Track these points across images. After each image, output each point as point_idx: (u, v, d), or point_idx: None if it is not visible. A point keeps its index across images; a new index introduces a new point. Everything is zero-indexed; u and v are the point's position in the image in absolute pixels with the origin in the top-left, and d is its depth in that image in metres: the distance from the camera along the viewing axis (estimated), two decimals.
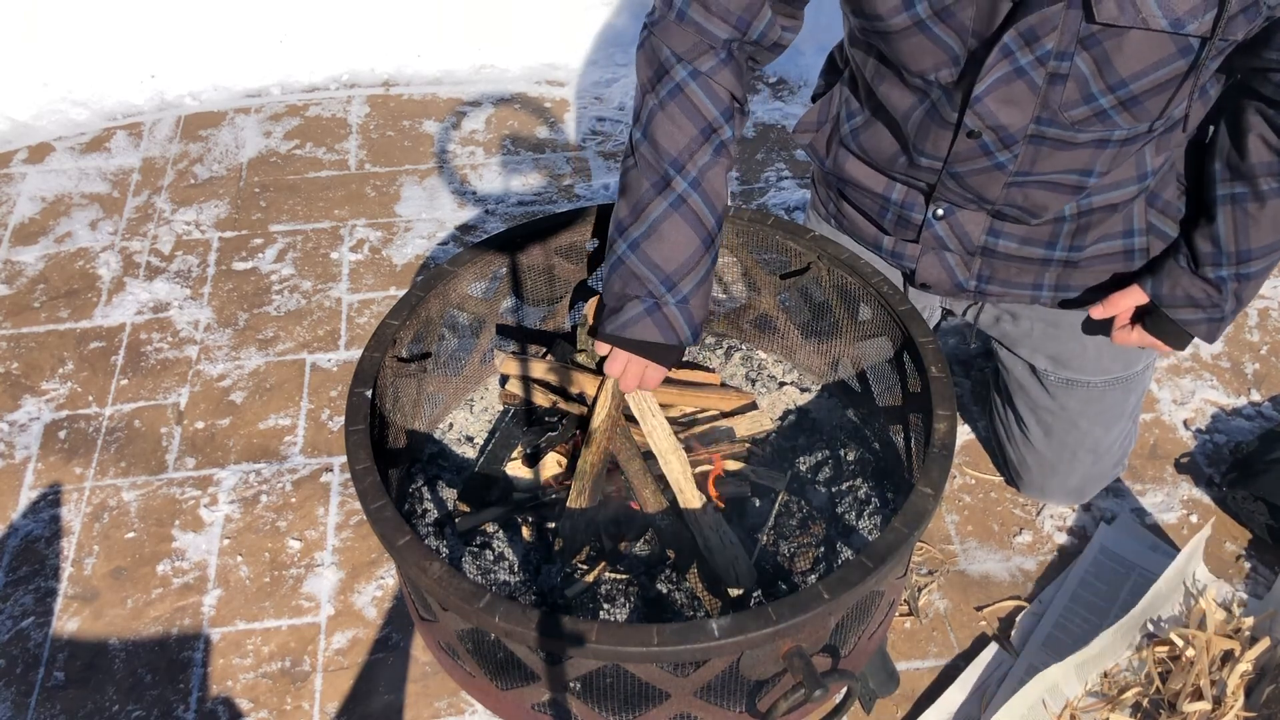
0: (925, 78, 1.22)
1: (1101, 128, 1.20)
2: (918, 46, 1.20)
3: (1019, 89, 1.17)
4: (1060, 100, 1.17)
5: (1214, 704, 1.41)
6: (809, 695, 1.00)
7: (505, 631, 1.00)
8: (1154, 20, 1.08)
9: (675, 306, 1.26)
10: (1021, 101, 1.18)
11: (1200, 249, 1.31)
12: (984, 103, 1.19)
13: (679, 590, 1.24)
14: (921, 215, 1.41)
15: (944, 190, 1.35)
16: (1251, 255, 1.28)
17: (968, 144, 1.25)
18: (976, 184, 1.31)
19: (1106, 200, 1.33)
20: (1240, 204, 1.26)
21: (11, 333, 2.09)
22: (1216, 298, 1.32)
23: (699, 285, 1.27)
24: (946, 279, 1.46)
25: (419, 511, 1.35)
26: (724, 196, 1.29)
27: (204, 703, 1.51)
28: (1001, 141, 1.23)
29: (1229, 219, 1.27)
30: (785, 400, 1.53)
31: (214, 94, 2.76)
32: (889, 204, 1.43)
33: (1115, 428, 1.61)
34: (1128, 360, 1.53)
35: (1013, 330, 1.57)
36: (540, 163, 2.53)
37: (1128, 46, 1.11)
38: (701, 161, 1.26)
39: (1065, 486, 1.68)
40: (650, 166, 1.27)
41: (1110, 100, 1.16)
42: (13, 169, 2.52)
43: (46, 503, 1.78)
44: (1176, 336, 1.38)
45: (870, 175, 1.44)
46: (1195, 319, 1.34)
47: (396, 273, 2.22)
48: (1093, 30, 1.10)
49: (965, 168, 1.29)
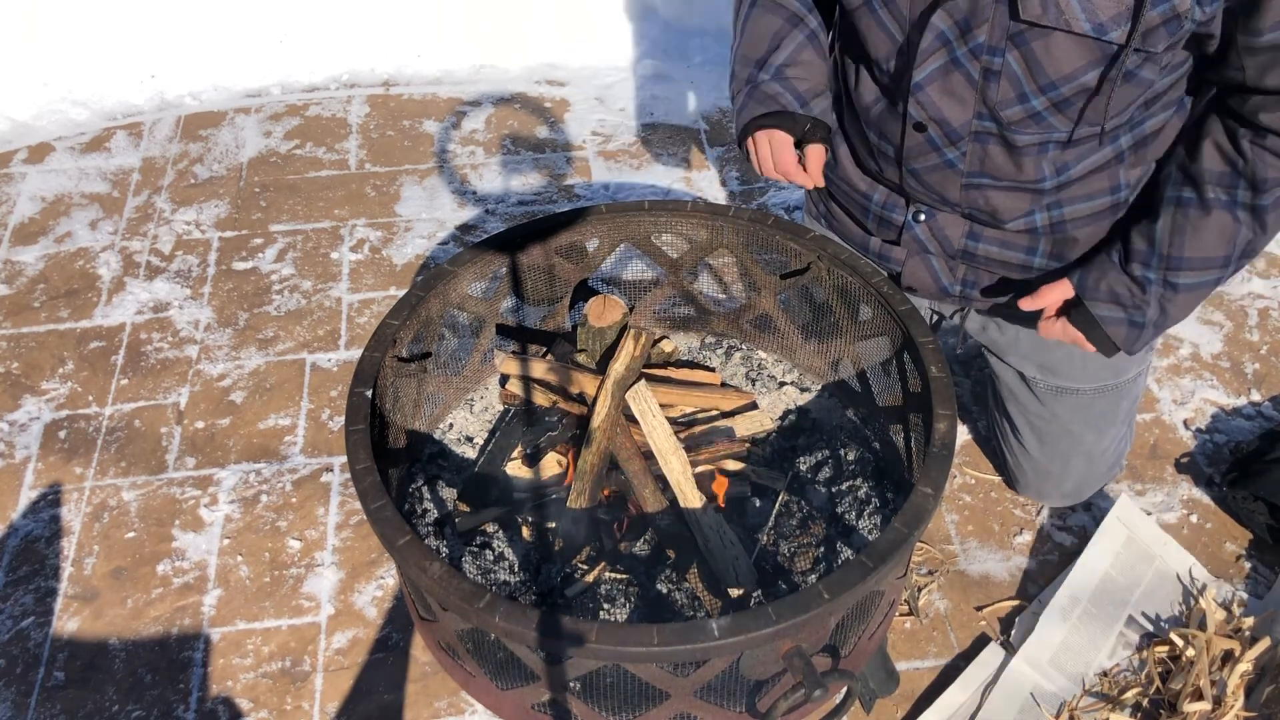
0: (882, 65, 1.26)
1: (1038, 129, 1.22)
2: (869, 29, 1.24)
3: (957, 81, 1.20)
4: (997, 97, 1.19)
5: (1214, 704, 1.41)
6: (809, 695, 1.00)
7: (505, 631, 1.00)
8: (1076, 23, 1.10)
9: (772, 81, 1.33)
10: (961, 95, 1.21)
11: (1134, 245, 1.28)
12: (925, 92, 1.22)
13: (679, 590, 1.24)
14: (902, 217, 1.43)
15: (913, 190, 1.37)
16: (1183, 264, 1.25)
17: (916, 138, 1.28)
18: (935, 183, 1.33)
19: (1079, 212, 1.33)
20: (1184, 208, 1.24)
21: (11, 333, 2.09)
22: (1139, 298, 1.28)
23: (793, 57, 1.34)
24: (931, 282, 1.47)
25: (419, 511, 1.35)
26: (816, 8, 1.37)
27: (204, 702, 1.51)
28: (947, 137, 1.26)
29: (1169, 220, 1.25)
30: (785, 400, 1.53)
31: (214, 94, 2.76)
32: (871, 204, 1.45)
33: (1108, 433, 1.60)
34: (1118, 368, 1.53)
35: (1000, 339, 1.57)
36: (540, 163, 2.53)
37: (1054, 48, 1.13)
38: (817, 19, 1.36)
39: (1061, 490, 1.68)
40: None
41: (1042, 101, 1.18)
42: (13, 169, 2.52)
43: (46, 503, 1.78)
44: (1099, 337, 1.33)
45: (857, 174, 1.46)
46: (1115, 317, 1.30)
47: (396, 273, 2.22)
48: (1020, 28, 1.13)
49: (920, 164, 1.31)
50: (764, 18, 1.35)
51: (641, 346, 1.39)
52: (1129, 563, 1.62)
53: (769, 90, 1.33)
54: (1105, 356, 1.35)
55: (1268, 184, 1.18)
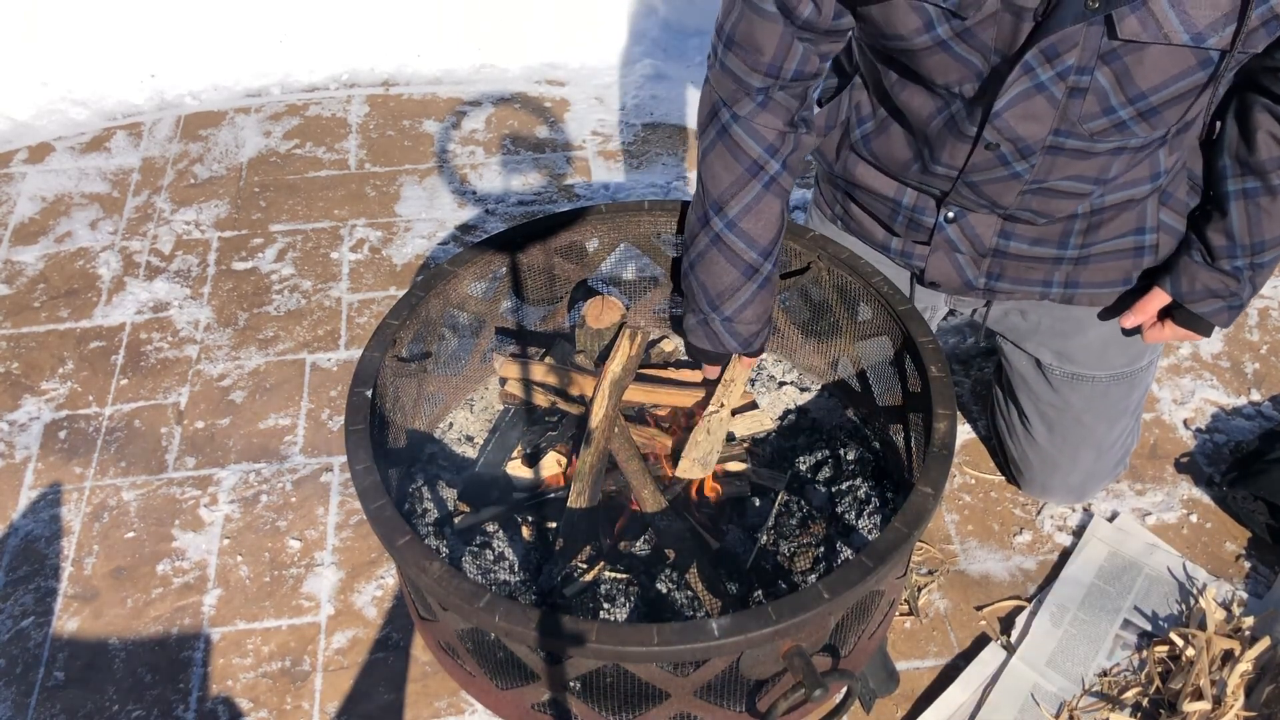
0: (950, 89, 1.23)
1: (1119, 137, 1.22)
2: (940, 63, 1.20)
3: (1039, 104, 1.17)
4: (1079, 113, 1.18)
5: (1214, 704, 1.41)
6: (809, 695, 1.00)
7: (505, 631, 1.00)
8: (1176, 35, 1.09)
9: (721, 324, 1.39)
10: (1041, 116, 1.19)
11: (1214, 243, 1.34)
12: (1003, 117, 1.19)
13: (679, 590, 1.23)
14: (933, 219, 1.41)
15: (957, 196, 1.36)
16: (1265, 245, 1.31)
17: (985, 155, 1.26)
18: (992, 192, 1.31)
19: (1120, 199, 1.34)
20: (1252, 198, 1.29)
21: (11, 333, 2.09)
22: (1235, 287, 1.35)
23: (744, 306, 1.38)
24: (956, 277, 1.47)
25: (419, 511, 1.35)
26: (770, 228, 1.35)
27: (204, 702, 1.51)
28: (1020, 153, 1.24)
29: (1241, 212, 1.30)
30: (785, 400, 1.53)
31: (214, 94, 2.76)
32: (899, 208, 1.44)
33: (1118, 424, 1.61)
34: (1132, 355, 1.54)
35: (1021, 324, 1.57)
36: (540, 162, 2.53)
37: (1148, 60, 1.12)
38: (745, 200, 1.32)
39: (1067, 484, 1.68)
40: (699, 201, 1.37)
41: (1129, 112, 1.18)
42: (13, 169, 2.52)
43: (46, 502, 1.78)
44: (1202, 326, 1.41)
45: (881, 180, 1.44)
46: (1216, 309, 1.37)
47: (396, 272, 2.22)
48: (1114, 46, 1.11)
49: (982, 177, 1.30)
50: (721, 263, 1.35)
51: (638, 346, 1.39)
52: (1115, 574, 1.63)
53: (718, 331, 1.40)
54: (1207, 337, 1.44)
55: None
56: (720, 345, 1.41)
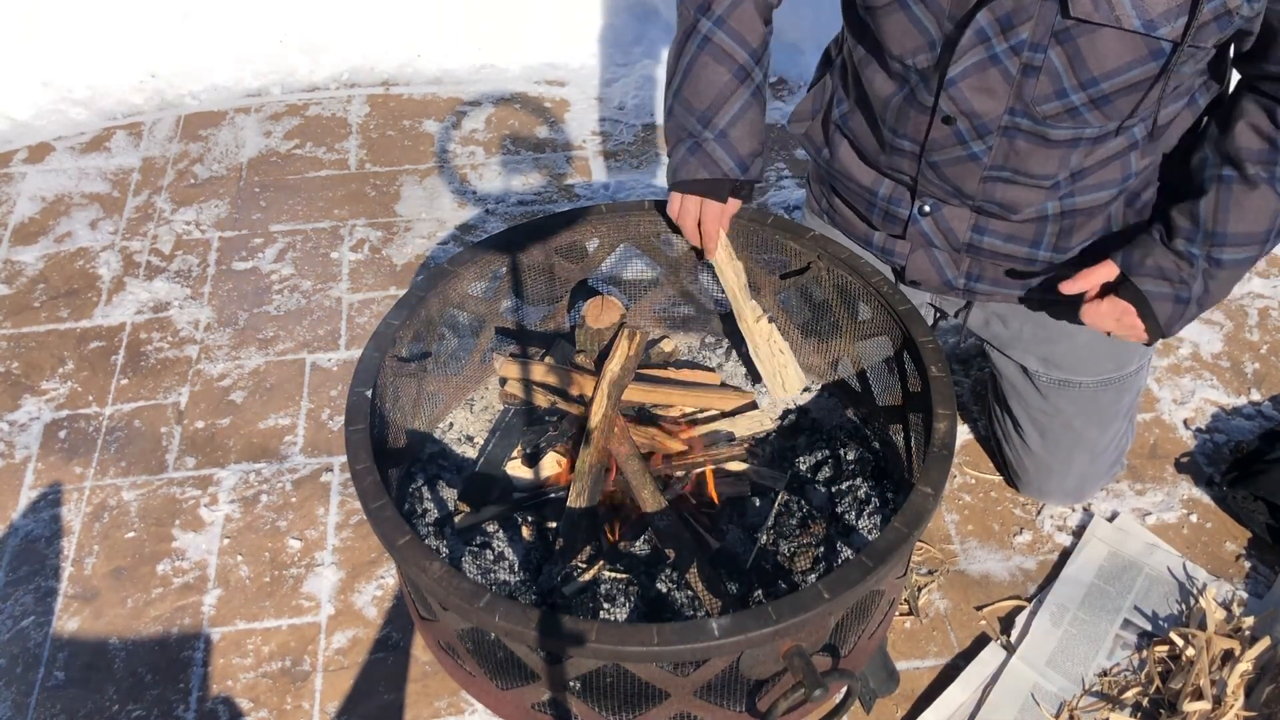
0: (904, 61, 1.25)
1: (1073, 124, 1.21)
2: (898, 25, 1.23)
3: (993, 76, 1.19)
4: (1033, 93, 1.19)
5: (1214, 704, 1.41)
6: (809, 695, 1.00)
7: (505, 631, 1.00)
8: (1127, 20, 1.09)
9: (715, 141, 1.33)
10: (995, 90, 1.20)
11: (1177, 223, 1.29)
12: (958, 86, 1.21)
13: (679, 590, 1.24)
14: (907, 211, 1.42)
15: (926, 184, 1.36)
16: (1226, 239, 1.26)
17: (943, 130, 1.27)
18: (954, 175, 1.32)
19: (1090, 201, 1.33)
20: (1227, 184, 1.24)
21: (11, 332, 2.09)
22: (1186, 273, 1.28)
23: (737, 117, 1.33)
24: (935, 276, 1.47)
25: (419, 511, 1.35)
26: (757, 31, 1.34)
27: (204, 702, 1.51)
28: (975, 130, 1.25)
29: (1213, 196, 1.25)
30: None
31: (214, 94, 2.76)
32: (876, 199, 1.45)
33: (1110, 428, 1.61)
34: (1119, 360, 1.53)
35: (1003, 332, 1.57)
36: (540, 162, 2.53)
37: (1101, 44, 1.12)
38: (728, 1, 1.33)
39: (1063, 487, 1.68)
40: (683, 17, 1.36)
41: (1082, 97, 1.18)
42: (13, 169, 2.52)
43: (46, 502, 1.78)
44: (1144, 311, 1.32)
45: (860, 168, 1.46)
46: (1161, 293, 1.29)
47: (396, 272, 2.22)
48: (1067, 25, 1.12)
49: (942, 156, 1.30)
50: (711, 66, 1.32)
51: (637, 345, 1.39)
52: (1115, 574, 1.63)
53: (711, 152, 1.33)
54: (1145, 344, 1.35)
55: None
56: (715, 168, 1.33)
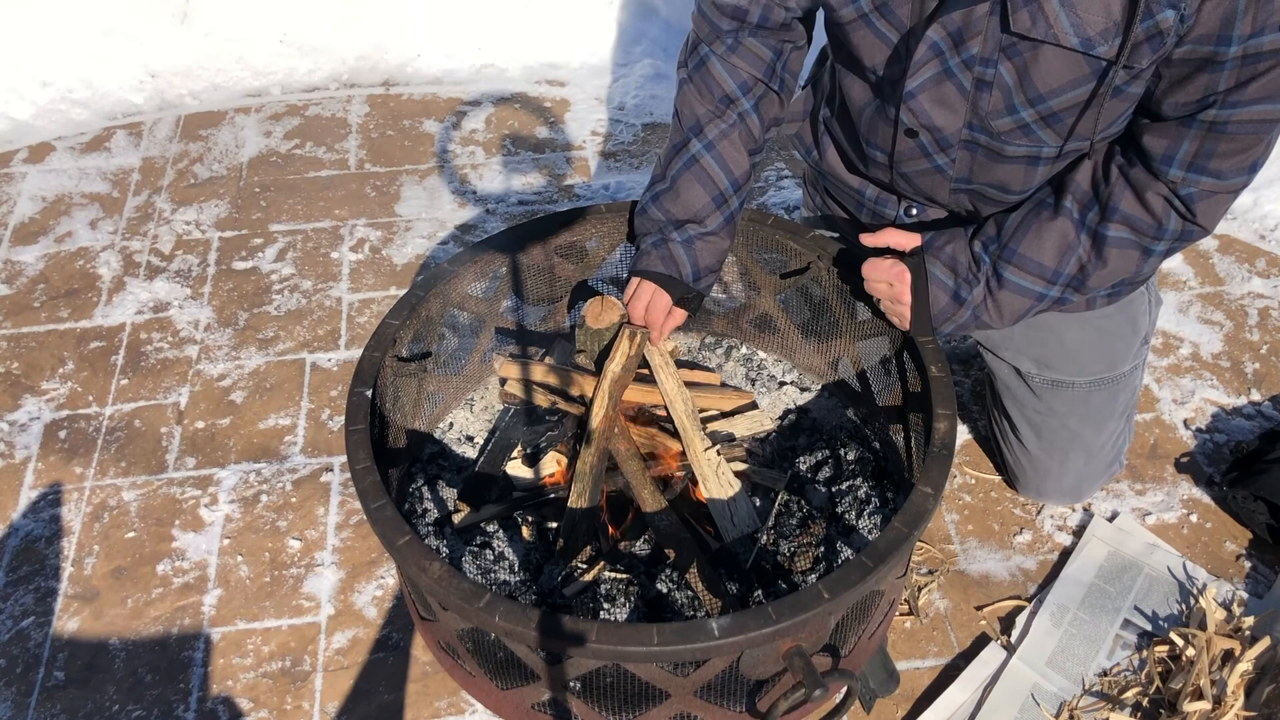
0: (877, 72, 1.28)
1: (1027, 142, 1.24)
2: (864, 39, 1.26)
3: (949, 90, 1.22)
4: (987, 108, 1.21)
5: (1214, 704, 1.41)
6: (809, 695, 1.00)
7: (505, 631, 1.00)
8: (1065, 38, 1.11)
9: (680, 244, 1.39)
10: (952, 104, 1.23)
11: (984, 227, 1.31)
12: (917, 99, 1.24)
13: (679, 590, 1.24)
14: (894, 212, 1.45)
15: (903, 190, 1.40)
16: (1013, 257, 1.27)
17: (907, 143, 1.31)
18: (924, 185, 1.36)
19: None
20: (1038, 209, 1.27)
21: (11, 332, 2.09)
22: (969, 274, 1.29)
23: (704, 235, 1.39)
24: None
25: (419, 511, 1.35)
26: (741, 163, 1.41)
27: (204, 702, 1.51)
28: (938, 144, 1.28)
29: (1021, 215, 1.28)
30: (785, 400, 1.53)
31: (214, 94, 2.76)
32: (864, 200, 1.49)
33: (1106, 428, 1.61)
34: (1110, 360, 1.54)
35: (995, 334, 1.57)
36: (540, 162, 2.53)
37: (1044, 61, 1.14)
38: (720, 128, 1.39)
39: (1061, 487, 1.68)
40: (676, 130, 1.43)
41: (1031, 114, 1.20)
42: (13, 169, 2.52)
43: (46, 502, 1.78)
44: (919, 292, 1.31)
45: (844, 172, 1.50)
46: (944, 281, 1.30)
47: (396, 272, 2.22)
48: (1012, 40, 1.14)
49: (910, 168, 1.34)
50: (694, 186, 1.39)
51: (637, 345, 1.39)
52: (1115, 574, 1.63)
53: (674, 253, 1.39)
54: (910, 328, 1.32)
55: (1116, 213, 1.21)
56: (674, 267, 1.39)
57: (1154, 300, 1.56)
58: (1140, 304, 1.52)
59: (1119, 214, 1.21)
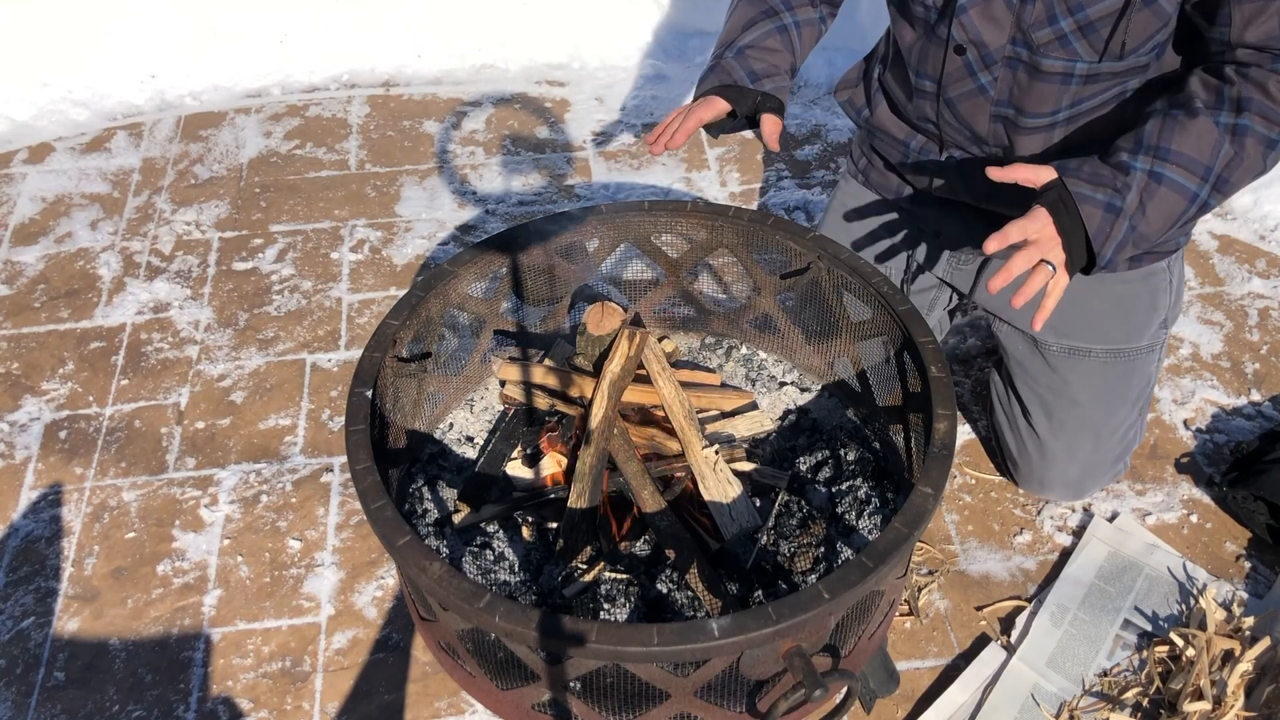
0: (925, 3, 1.39)
1: (1064, 55, 1.32)
2: None
3: (998, 6, 1.32)
4: (1030, 19, 1.30)
5: (1214, 704, 1.41)
6: (809, 695, 1.00)
7: (505, 631, 1.00)
8: None
9: (732, 57, 1.47)
10: (999, 18, 1.33)
11: (1119, 144, 1.26)
12: (968, 14, 1.34)
13: (679, 590, 1.23)
14: (937, 160, 1.54)
15: (947, 127, 1.48)
16: (1169, 155, 1.23)
17: (955, 62, 1.40)
18: (967, 112, 1.44)
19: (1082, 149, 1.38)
20: (1172, 114, 1.25)
21: (12, 333, 2.09)
22: (1121, 181, 1.22)
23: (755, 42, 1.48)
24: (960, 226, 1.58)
25: (419, 511, 1.35)
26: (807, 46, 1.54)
27: (204, 703, 1.51)
28: (983, 60, 1.38)
29: (1157, 122, 1.25)
30: (785, 400, 1.53)
31: (214, 94, 2.76)
32: (909, 150, 1.58)
33: (1117, 412, 1.61)
34: (1128, 332, 1.57)
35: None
36: (540, 163, 2.53)
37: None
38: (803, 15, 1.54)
39: (1065, 477, 1.68)
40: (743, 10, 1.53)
41: (1070, 24, 1.28)
42: (13, 169, 2.52)
43: (47, 503, 1.78)
44: (1069, 220, 1.22)
45: (894, 122, 1.59)
46: (1094, 197, 1.22)
47: (397, 273, 2.22)
48: None
49: (955, 91, 1.43)
50: (743, 8, 1.52)
51: (636, 346, 1.39)
52: (1115, 574, 1.63)
53: (726, 66, 1.47)
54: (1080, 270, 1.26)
55: (1251, 103, 1.23)
56: (727, 76, 1.46)
57: (1177, 283, 1.60)
58: (1161, 279, 1.57)
59: (1254, 104, 1.23)
